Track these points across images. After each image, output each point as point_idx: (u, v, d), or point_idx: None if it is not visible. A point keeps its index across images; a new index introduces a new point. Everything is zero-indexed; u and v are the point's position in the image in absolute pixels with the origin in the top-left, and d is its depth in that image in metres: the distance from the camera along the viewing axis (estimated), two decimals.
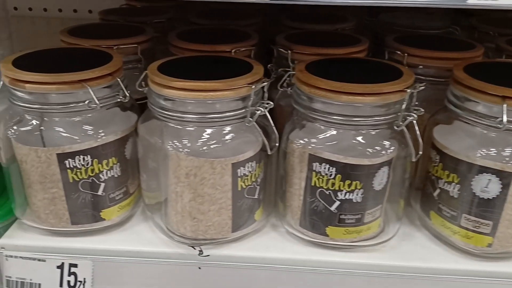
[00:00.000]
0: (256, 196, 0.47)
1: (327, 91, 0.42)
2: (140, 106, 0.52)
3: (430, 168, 0.48)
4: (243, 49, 0.54)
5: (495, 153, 0.43)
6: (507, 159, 0.42)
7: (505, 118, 0.40)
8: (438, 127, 0.48)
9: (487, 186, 0.43)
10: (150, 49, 0.58)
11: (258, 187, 0.47)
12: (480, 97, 0.42)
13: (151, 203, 0.50)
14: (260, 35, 0.61)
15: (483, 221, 0.44)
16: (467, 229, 0.46)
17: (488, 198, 0.44)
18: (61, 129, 0.45)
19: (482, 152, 0.43)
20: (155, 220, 0.49)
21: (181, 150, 0.43)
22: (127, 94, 0.46)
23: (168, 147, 0.44)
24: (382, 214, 0.48)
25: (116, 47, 0.53)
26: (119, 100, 0.46)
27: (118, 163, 0.47)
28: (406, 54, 0.53)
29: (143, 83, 0.47)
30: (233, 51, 0.54)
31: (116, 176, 0.48)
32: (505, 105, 0.40)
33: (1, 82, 0.49)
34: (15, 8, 0.94)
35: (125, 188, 0.49)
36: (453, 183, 0.45)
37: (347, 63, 0.49)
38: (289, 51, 0.54)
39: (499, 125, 0.40)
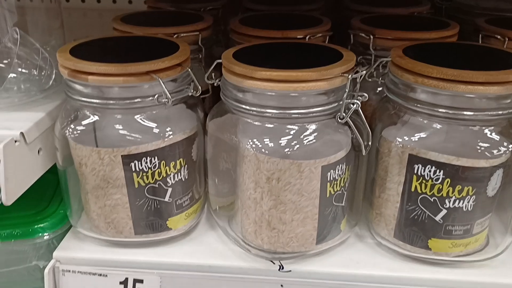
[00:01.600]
0: (343, 204, 0.41)
1: (439, 80, 0.35)
2: (202, 101, 0.47)
3: None
4: (319, 35, 0.48)
5: None
6: None
7: None
8: None
9: None
10: (208, 38, 0.53)
11: (345, 192, 0.41)
12: None
13: (221, 210, 0.45)
14: None
15: None
16: None
17: None
18: (121, 127, 0.40)
19: None
20: (226, 229, 0.44)
21: (262, 150, 0.38)
22: (199, 87, 0.40)
23: (247, 146, 0.38)
24: (489, 223, 0.41)
25: (176, 35, 0.48)
26: (190, 94, 0.40)
27: (186, 165, 0.42)
28: (506, 39, 0.46)
29: (212, 74, 0.41)
30: (307, 37, 0.47)
31: (183, 180, 0.42)
32: None
33: (53, 75, 0.44)
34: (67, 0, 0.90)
35: (191, 194, 0.44)
36: None
37: (447, 48, 0.42)
38: (371, 36, 0.47)
39: None
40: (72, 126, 0.40)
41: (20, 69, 0.42)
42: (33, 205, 0.48)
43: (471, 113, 0.36)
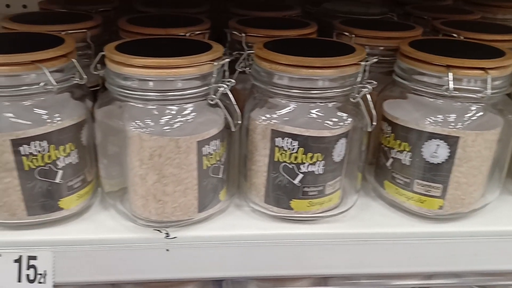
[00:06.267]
0: (220, 176, 0.48)
1: (287, 65, 0.43)
2: (92, 93, 0.51)
3: (382, 140, 0.51)
4: (198, 32, 0.54)
5: (442, 119, 0.46)
6: (452, 124, 0.46)
7: (451, 85, 0.43)
8: (387, 101, 0.51)
9: (436, 152, 0.47)
10: (98, 36, 0.57)
11: (222, 166, 0.47)
12: (427, 67, 0.45)
13: (113, 190, 0.49)
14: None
15: (434, 184, 0.48)
16: (419, 194, 0.49)
17: (437, 163, 0.47)
18: (11, 114, 0.43)
19: (430, 120, 0.46)
20: (117, 207, 0.48)
21: (144, 130, 0.43)
22: (84, 76, 0.44)
23: (130, 128, 0.43)
24: (341, 186, 0.50)
25: (64, 32, 0.51)
26: (75, 82, 0.44)
27: (76, 149, 0.46)
28: (353, 35, 0.56)
29: (98, 65, 0.46)
30: (187, 34, 0.54)
31: (73, 163, 0.46)
32: (450, 73, 0.43)
33: None
34: None
35: (83, 176, 0.48)
36: (405, 151, 0.48)
37: (301, 42, 0.51)
38: (244, 34, 0.55)
39: (445, 93, 0.44)
40: None
41: None
42: None
43: (315, 91, 0.44)
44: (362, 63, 0.44)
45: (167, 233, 0.46)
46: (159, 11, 0.67)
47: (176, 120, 0.43)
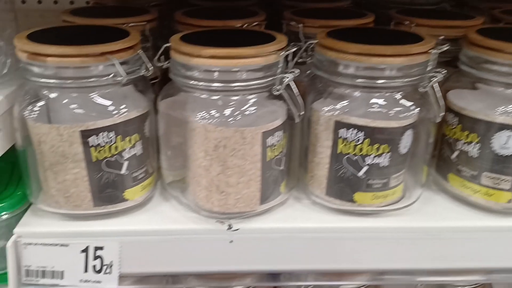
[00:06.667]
0: (282, 167, 0.47)
1: (357, 54, 0.42)
2: (152, 85, 0.51)
3: (447, 132, 0.50)
4: (255, 23, 0.54)
5: None
6: None
7: None
8: (452, 91, 0.50)
9: (506, 143, 0.45)
10: (155, 29, 0.57)
11: (284, 158, 0.47)
12: (499, 55, 0.44)
13: (174, 182, 0.49)
14: None
15: (503, 177, 0.46)
16: (487, 187, 0.47)
17: (507, 155, 0.45)
18: (77, 106, 0.43)
19: (500, 110, 0.45)
20: (179, 198, 0.48)
21: (209, 121, 0.43)
22: (150, 67, 0.44)
23: (196, 119, 0.43)
24: (404, 179, 0.48)
25: (125, 25, 0.52)
26: (142, 73, 0.44)
27: (140, 141, 0.46)
28: (414, 24, 0.55)
29: (161, 57, 0.46)
30: (244, 25, 0.53)
31: (138, 154, 0.46)
32: None
33: (8, 62, 0.47)
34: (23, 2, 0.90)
35: (146, 167, 0.48)
36: (473, 143, 0.47)
37: (363, 31, 0.50)
38: (301, 25, 0.54)
39: None
40: (30, 107, 0.43)
41: None
42: None
43: (383, 81, 0.43)
44: (433, 51, 0.43)
45: (229, 225, 0.46)
46: (211, 4, 0.67)
47: (240, 111, 0.43)
